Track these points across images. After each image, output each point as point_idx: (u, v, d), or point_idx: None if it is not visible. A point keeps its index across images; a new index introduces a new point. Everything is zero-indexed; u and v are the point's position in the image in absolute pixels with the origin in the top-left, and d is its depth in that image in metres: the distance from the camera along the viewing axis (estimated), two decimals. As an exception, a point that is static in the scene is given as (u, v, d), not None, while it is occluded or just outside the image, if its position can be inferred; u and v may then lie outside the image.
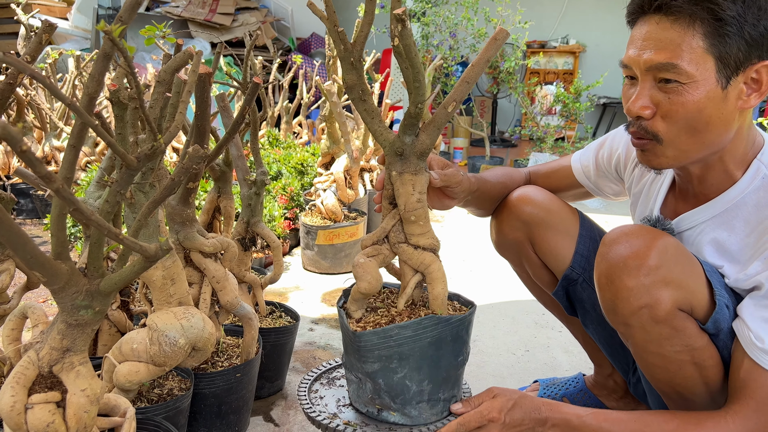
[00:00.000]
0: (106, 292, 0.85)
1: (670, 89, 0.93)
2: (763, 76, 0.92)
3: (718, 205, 1.01)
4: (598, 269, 0.99)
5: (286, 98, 3.94)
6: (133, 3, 0.75)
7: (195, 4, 5.37)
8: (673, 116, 0.94)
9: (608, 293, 0.97)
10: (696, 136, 0.94)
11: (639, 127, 0.98)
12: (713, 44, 0.90)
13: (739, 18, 0.88)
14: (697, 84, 0.91)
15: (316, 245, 2.33)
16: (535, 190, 1.26)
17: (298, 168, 3.03)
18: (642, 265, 0.93)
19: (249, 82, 1.34)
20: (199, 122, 1.11)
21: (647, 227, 0.99)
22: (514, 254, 1.30)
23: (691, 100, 0.92)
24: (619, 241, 0.97)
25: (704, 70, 0.90)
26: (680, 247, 0.97)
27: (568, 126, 4.17)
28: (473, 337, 1.85)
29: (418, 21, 3.96)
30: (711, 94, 0.91)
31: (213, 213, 1.60)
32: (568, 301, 1.25)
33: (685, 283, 0.94)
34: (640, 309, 0.93)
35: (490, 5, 3.80)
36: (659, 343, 0.95)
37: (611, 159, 1.27)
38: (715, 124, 0.93)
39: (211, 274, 1.24)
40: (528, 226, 1.24)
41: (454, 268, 2.51)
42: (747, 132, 0.98)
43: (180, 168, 0.88)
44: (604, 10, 6.42)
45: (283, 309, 1.58)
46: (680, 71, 0.91)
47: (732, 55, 0.90)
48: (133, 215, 1.09)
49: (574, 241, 1.22)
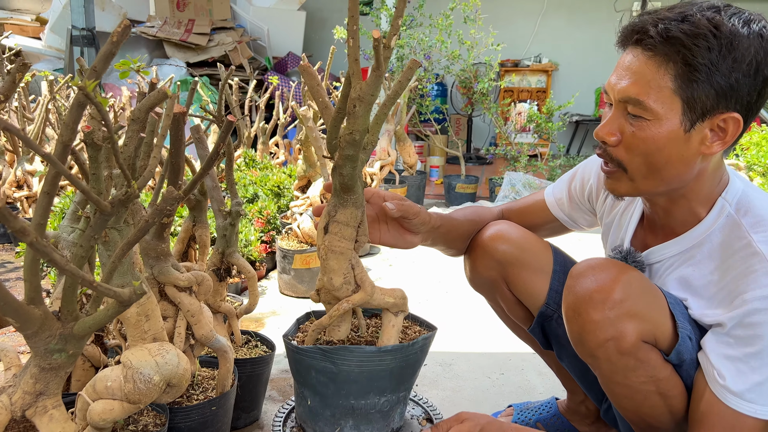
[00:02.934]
0: (79, 335, 0.85)
1: (636, 123, 0.96)
2: (729, 127, 0.93)
3: (684, 241, 1.04)
4: (566, 302, 1.02)
5: (263, 119, 3.96)
6: (106, 53, 0.77)
7: (170, 24, 5.37)
8: (634, 149, 0.97)
9: (575, 326, 1.00)
10: (654, 171, 0.98)
11: (604, 151, 1.02)
12: (682, 87, 0.91)
13: (711, 66, 0.89)
14: (661, 123, 0.94)
15: (293, 269, 2.34)
16: (508, 226, 1.27)
17: (275, 190, 3.04)
18: (607, 299, 0.96)
19: (224, 116, 1.36)
20: (174, 159, 1.12)
21: (613, 261, 1.03)
22: (488, 291, 1.32)
23: (652, 137, 0.95)
24: (585, 275, 1.00)
25: (670, 110, 0.93)
26: (644, 280, 1.01)
27: (541, 144, 4.25)
28: (449, 362, 1.88)
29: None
30: (673, 135, 0.94)
31: (188, 242, 1.60)
32: (543, 336, 1.28)
33: (649, 315, 0.97)
34: (605, 341, 0.96)
35: (464, 28, 3.87)
36: (625, 374, 0.98)
37: (583, 190, 1.29)
38: (674, 164, 0.96)
39: (186, 308, 1.24)
40: (502, 265, 1.24)
41: (430, 289, 2.53)
42: (712, 173, 1.01)
43: (154, 210, 0.89)
44: (576, 29, 6.56)
45: (258, 338, 1.58)
46: (646, 108, 0.94)
47: (699, 101, 0.91)
48: (107, 253, 1.09)
49: (548, 278, 1.23)
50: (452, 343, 1.99)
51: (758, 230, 0.95)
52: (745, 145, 3.05)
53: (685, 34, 0.90)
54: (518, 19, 6.61)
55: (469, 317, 2.20)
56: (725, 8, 0.93)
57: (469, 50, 3.82)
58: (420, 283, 2.60)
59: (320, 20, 6.91)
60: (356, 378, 1.15)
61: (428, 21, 3.90)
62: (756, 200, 1.00)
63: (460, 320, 2.18)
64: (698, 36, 0.89)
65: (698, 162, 0.97)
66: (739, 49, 0.89)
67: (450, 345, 1.98)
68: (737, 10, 0.93)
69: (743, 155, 3.05)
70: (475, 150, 6.63)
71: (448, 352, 1.92)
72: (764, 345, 0.90)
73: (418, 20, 3.99)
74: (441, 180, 4.81)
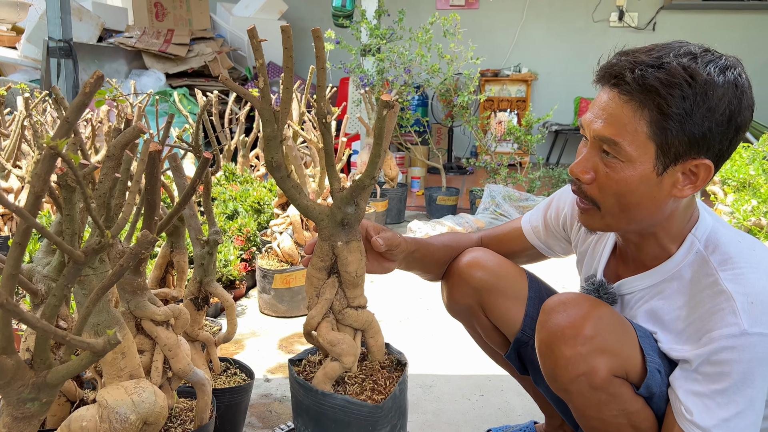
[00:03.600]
0: (53, 384, 0.84)
1: (610, 163, 0.97)
2: (700, 172, 0.95)
3: (655, 275, 1.06)
4: (539, 337, 1.04)
5: (243, 131, 3.94)
6: (78, 104, 0.76)
7: (149, 35, 5.33)
8: (607, 189, 0.99)
9: (548, 361, 1.02)
10: (626, 211, 1.00)
11: (579, 188, 1.04)
12: (656, 133, 0.93)
13: (685, 115, 0.91)
14: (635, 165, 0.95)
15: (273, 289, 2.33)
16: (484, 253, 1.29)
17: (255, 206, 3.03)
18: (578, 335, 0.98)
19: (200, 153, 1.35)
20: (150, 196, 1.12)
21: (584, 296, 1.05)
22: (465, 318, 1.34)
23: (625, 178, 0.96)
24: (557, 311, 1.02)
25: (643, 154, 0.94)
26: (614, 315, 1.02)
27: (521, 154, 4.28)
28: (429, 383, 1.88)
29: (373, 56, 4.02)
30: (645, 178, 0.95)
31: (166, 267, 1.60)
32: (520, 361, 1.29)
33: (619, 350, 0.99)
34: (578, 377, 0.98)
35: (443, 41, 3.89)
36: (598, 408, 1.00)
37: (558, 218, 1.31)
38: (645, 205, 0.98)
39: (163, 342, 1.24)
40: (478, 292, 1.26)
41: (412, 306, 2.54)
42: (683, 211, 1.03)
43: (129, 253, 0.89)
44: (554, 39, 6.63)
45: (237, 365, 1.57)
46: (620, 150, 0.95)
47: (673, 147, 0.93)
48: (82, 291, 1.08)
49: (524, 304, 1.25)
50: (433, 365, 2.00)
51: (725, 268, 0.97)
52: (720, 159, 3.10)
53: (661, 83, 0.91)
54: (498, 30, 6.66)
55: (449, 335, 2.21)
56: (702, 54, 0.93)
57: (449, 64, 3.84)
58: (401, 300, 2.61)
59: (301, 30, 6.88)
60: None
61: (408, 34, 3.92)
62: (724, 237, 1.02)
63: (441, 339, 2.19)
64: (673, 85, 0.90)
65: (670, 203, 0.99)
66: (713, 98, 0.90)
67: (430, 366, 1.98)
68: (713, 56, 0.94)
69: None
70: (456, 159, 6.66)
71: (429, 375, 1.92)
72: (731, 382, 0.92)
73: (398, 33, 4.00)
74: (422, 191, 4.82)
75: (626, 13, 6.45)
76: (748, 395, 0.92)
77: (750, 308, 0.92)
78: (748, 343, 0.91)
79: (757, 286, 0.94)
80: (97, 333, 1.09)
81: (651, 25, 6.46)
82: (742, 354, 0.91)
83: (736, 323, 0.91)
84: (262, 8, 6.10)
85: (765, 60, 6.35)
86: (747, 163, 3.02)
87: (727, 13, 6.34)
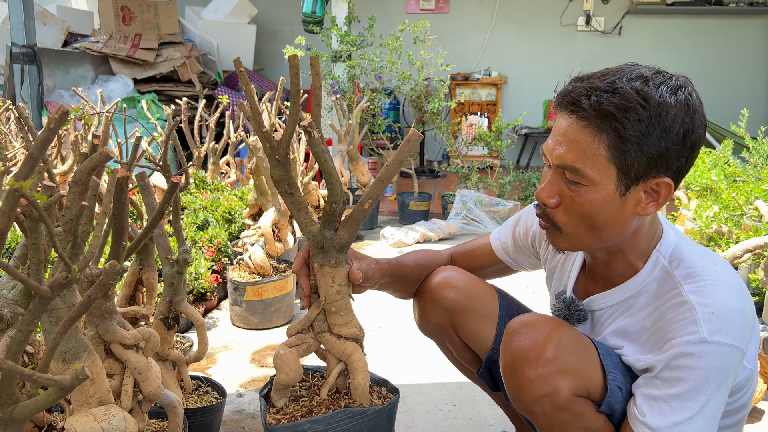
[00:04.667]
0: (20, 419, 0.83)
1: (574, 188, 1.01)
2: (661, 189, 0.99)
3: (622, 291, 1.10)
4: (503, 359, 1.07)
5: (213, 138, 3.91)
6: (44, 140, 0.76)
7: (116, 39, 5.25)
8: (572, 212, 1.02)
9: (512, 383, 1.05)
10: (592, 231, 1.03)
11: (543, 212, 1.06)
12: (615, 156, 0.96)
13: (641, 137, 0.94)
14: (598, 188, 0.99)
15: (245, 301, 2.32)
16: (455, 273, 1.31)
17: (226, 216, 3.01)
18: (540, 357, 1.01)
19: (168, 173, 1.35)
20: (117, 222, 1.11)
21: (546, 317, 1.08)
22: (437, 337, 1.36)
23: (589, 201, 1.00)
24: (519, 333, 1.05)
25: (605, 176, 0.98)
26: (575, 335, 1.06)
27: (492, 160, 4.33)
28: (402, 394, 1.89)
29: (344, 63, 4.02)
30: (609, 199, 0.99)
31: (135, 285, 1.58)
32: (491, 379, 1.31)
33: (581, 370, 1.02)
34: (540, 398, 1.01)
35: (414, 48, 3.91)
36: (561, 427, 1.03)
37: (527, 234, 1.34)
38: (611, 225, 1.01)
39: (133, 366, 1.23)
40: (450, 312, 1.29)
41: (385, 315, 2.55)
42: (648, 228, 1.07)
43: (96, 285, 0.88)
44: (523, 43, 6.71)
45: (209, 384, 1.57)
46: (583, 175, 0.98)
47: (633, 168, 0.97)
48: (49, 320, 1.07)
49: (495, 323, 1.28)
50: (405, 375, 2.01)
51: (689, 281, 1.01)
52: (683, 165, 3.17)
53: (616, 108, 0.94)
54: (468, 34, 6.72)
55: (422, 345, 2.23)
56: (653, 77, 0.97)
57: (419, 70, 3.87)
58: (374, 310, 2.62)
59: (271, 33, 6.87)
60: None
61: (378, 41, 3.93)
62: (687, 252, 1.06)
63: (414, 348, 2.21)
64: (628, 109, 0.94)
65: (634, 221, 1.03)
66: (667, 119, 0.94)
67: (403, 377, 2.00)
68: (664, 78, 0.98)
69: (681, 174, 3.17)
70: (428, 162, 6.70)
71: (401, 385, 1.93)
72: (686, 387, 0.96)
73: (368, 40, 4.01)
74: (395, 196, 4.84)
75: (593, 17, 6.56)
76: (701, 401, 0.95)
77: (710, 318, 0.95)
78: (706, 351, 0.94)
79: (718, 298, 0.97)
80: (65, 360, 1.08)
81: (617, 29, 6.58)
82: (700, 361, 0.95)
83: (696, 331, 0.95)
84: (231, 12, 6.06)
85: (725, 63, 6.52)
86: (709, 168, 3.10)
87: (689, 17, 6.50)
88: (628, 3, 6.50)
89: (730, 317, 0.95)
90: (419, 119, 4.34)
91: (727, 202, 2.50)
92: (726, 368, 0.95)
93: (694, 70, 6.61)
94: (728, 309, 0.96)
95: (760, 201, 2.17)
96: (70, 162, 2.72)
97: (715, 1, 6.27)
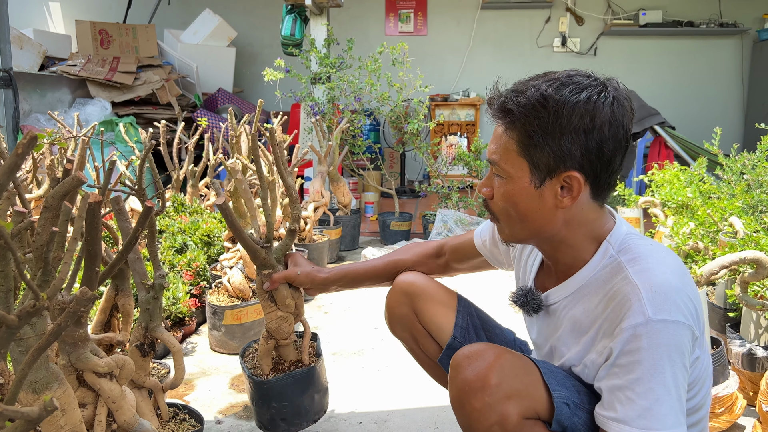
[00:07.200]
0: (-15, 453, 0.81)
1: (498, 180, 1.11)
2: (573, 183, 1.05)
3: (574, 282, 1.13)
4: (451, 395, 1.10)
5: (192, 161, 3.88)
6: (11, 165, 0.75)
7: (94, 63, 5.22)
8: (500, 204, 1.12)
9: (462, 416, 1.07)
10: (519, 222, 1.11)
11: (485, 203, 1.18)
12: (525, 151, 1.06)
13: (543, 133, 1.03)
14: (514, 181, 1.08)
15: (224, 325, 2.29)
16: (417, 272, 1.50)
17: (205, 239, 2.98)
18: (485, 386, 1.03)
19: (144, 197, 1.33)
20: (90, 247, 1.09)
21: (486, 345, 1.11)
22: (403, 329, 1.47)
23: (509, 192, 1.09)
24: (463, 365, 1.08)
25: (519, 170, 1.07)
26: (516, 359, 1.08)
27: (471, 179, 4.35)
28: (384, 418, 1.87)
29: (323, 85, 4.04)
30: (525, 192, 1.07)
31: (111, 311, 1.55)
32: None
33: (526, 392, 1.04)
34: (491, 426, 1.02)
35: (392, 70, 3.94)
36: None
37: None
38: (533, 217, 1.09)
39: (107, 395, 1.20)
40: (410, 297, 1.44)
41: (366, 336, 2.53)
42: (593, 222, 1.11)
43: (67, 312, 0.86)
44: (501, 64, 6.80)
45: (186, 411, 1.53)
46: (501, 169, 1.09)
47: (542, 162, 1.05)
48: (19, 349, 1.04)
49: (454, 313, 1.42)
50: (387, 399, 1.99)
51: (634, 265, 1.04)
52: (659, 182, 3.22)
53: (518, 106, 1.04)
54: (446, 55, 6.79)
55: (404, 367, 2.21)
56: (564, 79, 1.05)
57: (398, 92, 3.89)
58: (356, 331, 2.60)
59: (251, 55, 6.89)
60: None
61: (357, 63, 3.95)
62: (635, 240, 1.10)
63: (396, 371, 2.19)
64: (528, 107, 1.03)
65: (559, 214, 1.08)
66: (564, 116, 1.02)
67: (385, 401, 1.98)
68: (575, 80, 1.05)
69: (658, 192, 3.22)
70: (409, 182, 6.72)
71: (383, 411, 1.91)
72: (644, 370, 0.96)
73: (347, 62, 4.03)
74: (376, 216, 4.84)
75: (569, 38, 6.68)
76: (661, 380, 0.96)
77: (653, 297, 0.98)
78: (652, 330, 0.96)
79: (660, 277, 1.00)
80: (35, 391, 1.05)
81: (592, 50, 6.71)
82: (649, 341, 0.96)
83: (641, 312, 0.97)
84: (210, 35, 6.07)
85: (698, 82, 6.67)
86: (685, 186, 3.14)
87: (662, 38, 6.64)
88: (603, 24, 6.64)
89: (671, 295, 0.98)
90: (399, 140, 4.36)
91: (702, 219, 2.54)
92: (676, 344, 0.96)
93: (668, 89, 6.77)
94: (669, 287, 0.99)
95: (734, 217, 2.20)
96: (45, 186, 2.68)
97: (686, 23, 6.42)
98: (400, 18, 6.82)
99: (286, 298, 1.51)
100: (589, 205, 1.09)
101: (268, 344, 1.55)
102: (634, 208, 3.41)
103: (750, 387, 1.85)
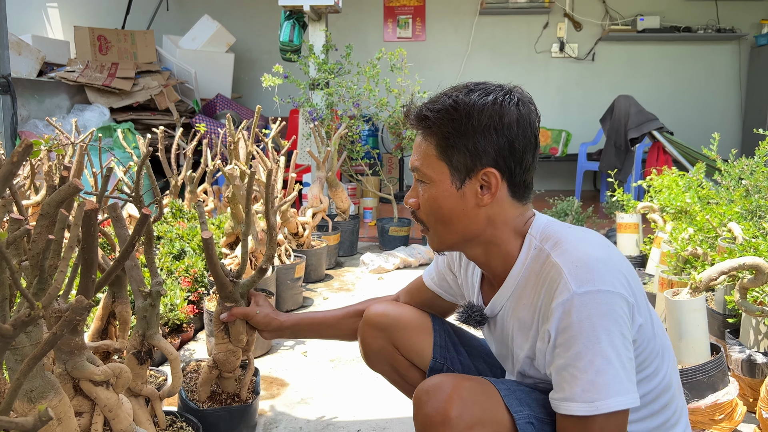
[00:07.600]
0: (-21, 464, 0.80)
1: (423, 187, 1.15)
2: (491, 179, 1.10)
3: (509, 284, 1.15)
4: (416, 430, 1.10)
5: (190, 167, 3.88)
6: (6, 173, 0.74)
7: (92, 69, 5.22)
8: (425, 209, 1.16)
9: None
10: (445, 226, 1.14)
11: (413, 214, 1.20)
12: (443, 154, 1.11)
13: (456, 134, 1.08)
14: (436, 184, 1.12)
15: (222, 332, 2.27)
16: (386, 302, 1.48)
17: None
18: (446, 420, 1.03)
19: (141, 204, 1.33)
20: (86, 255, 1.08)
21: (445, 376, 1.11)
22: (384, 363, 1.45)
23: (433, 196, 1.13)
24: (423, 401, 1.09)
25: (440, 173, 1.12)
26: (475, 385, 1.08)
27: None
28: (383, 426, 1.86)
29: (322, 90, 4.04)
30: (447, 194, 1.11)
31: (108, 318, 1.54)
32: None
33: (487, 418, 1.05)
34: None
35: (391, 76, 3.95)
36: None
37: (446, 261, 1.42)
38: (458, 218, 1.12)
39: (103, 403, 1.19)
40: (385, 331, 1.41)
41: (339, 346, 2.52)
42: (515, 218, 1.14)
43: (63, 321, 0.86)
44: (499, 69, 6.81)
45: (184, 419, 1.53)
46: (423, 174, 1.14)
47: (460, 163, 1.10)
48: (14, 357, 1.03)
49: (431, 334, 1.41)
50: (386, 407, 1.98)
51: (555, 248, 1.07)
52: (658, 187, 3.21)
53: (432, 112, 1.11)
54: (444, 60, 6.81)
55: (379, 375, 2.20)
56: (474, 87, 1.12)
57: (396, 98, 3.90)
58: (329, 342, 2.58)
59: (249, 61, 6.90)
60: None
61: (356, 69, 3.96)
62: (555, 226, 1.13)
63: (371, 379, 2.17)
64: (441, 111, 1.10)
65: (481, 212, 1.11)
66: (474, 117, 1.08)
67: (384, 409, 1.96)
68: (484, 87, 1.12)
69: (657, 197, 3.22)
70: (407, 188, 6.72)
71: (382, 419, 1.90)
72: (581, 344, 0.97)
73: (346, 68, 4.04)
74: (374, 222, 4.83)
75: (567, 44, 6.69)
76: (600, 352, 0.96)
77: (575, 271, 1.00)
78: (580, 303, 0.98)
79: (579, 251, 1.03)
80: (31, 400, 1.05)
81: (590, 56, 6.72)
82: (579, 314, 0.97)
83: (567, 289, 0.99)
84: (209, 41, 6.08)
85: (696, 87, 6.68)
86: (683, 191, 3.14)
87: (660, 44, 6.66)
88: (601, 30, 6.65)
89: (593, 266, 1.00)
90: (398, 145, 4.36)
91: (701, 225, 2.53)
92: (608, 312, 0.97)
93: (666, 94, 6.78)
94: (590, 258, 1.01)
95: (733, 223, 2.20)
96: (43, 192, 2.67)
97: (684, 28, 6.44)
98: (399, 24, 6.83)
99: (240, 333, 1.55)
100: (509, 203, 1.13)
101: (211, 373, 1.59)
102: (633, 214, 3.41)
103: (750, 393, 1.84)
